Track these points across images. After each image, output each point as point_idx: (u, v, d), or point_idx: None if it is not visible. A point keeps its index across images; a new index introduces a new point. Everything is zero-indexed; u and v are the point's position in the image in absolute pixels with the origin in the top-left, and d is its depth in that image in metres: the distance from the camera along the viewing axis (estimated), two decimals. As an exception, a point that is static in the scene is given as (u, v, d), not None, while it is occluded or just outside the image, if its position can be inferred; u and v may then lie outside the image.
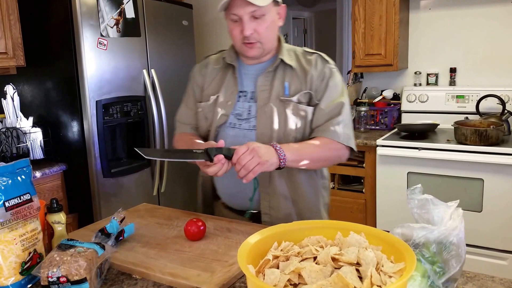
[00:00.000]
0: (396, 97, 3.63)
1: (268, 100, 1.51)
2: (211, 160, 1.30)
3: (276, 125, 1.49)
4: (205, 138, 1.61)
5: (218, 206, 1.68)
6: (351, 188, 3.28)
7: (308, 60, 1.55)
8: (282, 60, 1.52)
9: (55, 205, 1.31)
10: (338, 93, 1.53)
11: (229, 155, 1.31)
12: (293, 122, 1.50)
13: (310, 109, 1.51)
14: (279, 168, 1.37)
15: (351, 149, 1.54)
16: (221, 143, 1.36)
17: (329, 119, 1.50)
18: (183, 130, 1.68)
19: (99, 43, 2.66)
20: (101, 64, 2.68)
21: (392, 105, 3.57)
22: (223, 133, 1.55)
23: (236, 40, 1.48)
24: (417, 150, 2.86)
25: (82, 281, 1.02)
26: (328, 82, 1.52)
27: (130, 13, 2.84)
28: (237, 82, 1.56)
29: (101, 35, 2.66)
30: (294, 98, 1.50)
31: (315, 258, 0.89)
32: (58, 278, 1.01)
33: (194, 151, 1.35)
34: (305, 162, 1.44)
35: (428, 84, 3.53)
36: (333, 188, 3.32)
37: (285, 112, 1.49)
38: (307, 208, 1.58)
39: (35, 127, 2.71)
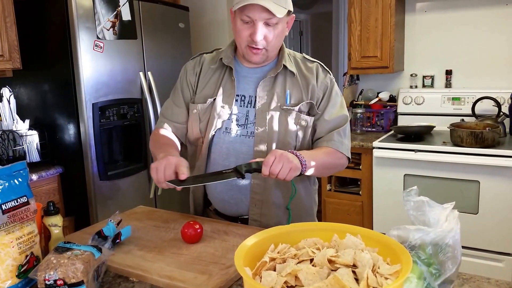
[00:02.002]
0: (392, 99, 3.64)
1: (268, 107, 1.49)
2: (243, 177, 1.33)
3: (276, 133, 1.48)
4: (195, 141, 1.58)
5: (209, 213, 1.66)
6: (348, 190, 3.29)
7: (309, 68, 1.55)
8: (284, 66, 1.50)
9: (52, 208, 1.31)
10: (339, 103, 1.56)
11: (258, 168, 1.32)
12: (294, 131, 1.50)
13: (310, 119, 1.52)
14: (300, 175, 1.35)
15: (347, 159, 1.56)
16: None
17: (332, 130, 1.51)
18: (166, 126, 1.61)
19: (96, 45, 2.65)
20: (97, 66, 2.68)
21: (388, 107, 3.59)
22: (218, 138, 1.53)
23: (242, 41, 1.44)
24: (413, 152, 2.86)
25: (79, 284, 1.01)
26: (330, 93, 1.53)
27: (126, 16, 2.84)
28: (235, 85, 1.52)
29: (98, 37, 2.66)
30: (296, 108, 1.49)
31: (311, 260, 0.90)
32: (55, 281, 1.00)
33: (223, 172, 1.36)
34: (316, 168, 1.42)
35: (424, 86, 3.54)
36: (330, 190, 3.33)
37: (286, 120, 1.49)
38: (298, 215, 1.57)
39: (32, 129, 2.70)
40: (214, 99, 1.53)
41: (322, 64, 1.58)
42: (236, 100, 1.52)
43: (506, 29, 3.20)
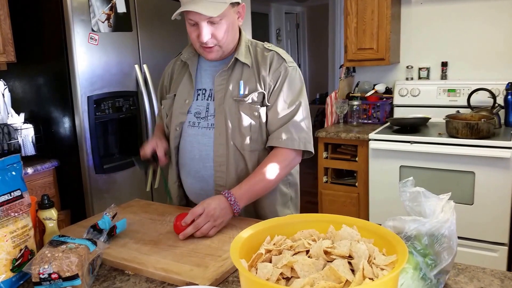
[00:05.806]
0: (388, 91, 3.64)
1: (223, 100, 1.50)
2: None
3: (231, 125, 1.49)
4: (168, 135, 1.65)
5: (191, 205, 1.66)
6: (344, 182, 3.29)
7: (264, 57, 1.52)
8: (237, 59, 1.50)
9: (46, 202, 1.30)
10: (295, 93, 1.51)
11: None
12: (247, 122, 1.49)
13: (263, 110, 1.49)
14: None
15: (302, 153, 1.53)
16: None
17: (283, 124, 1.48)
18: (158, 123, 1.81)
19: (90, 38, 2.63)
20: (92, 59, 2.66)
21: (384, 99, 3.59)
22: (184, 131, 1.57)
23: (195, 42, 1.47)
24: (409, 143, 2.87)
25: (74, 277, 1.01)
26: (283, 83, 1.49)
27: (121, 8, 2.82)
28: (193, 80, 1.56)
29: (92, 30, 2.64)
30: (248, 98, 1.48)
31: (307, 251, 0.90)
32: (49, 274, 1.00)
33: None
34: (259, 195, 1.49)
35: (419, 78, 3.54)
36: (326, 182, 3.34)
37: (239, 112, 1.48)
38: (266, 204, 1.58)
39: (27, 123, 2.69)
40: (175, 95, 1.60)
41: (280, 52, 1.54)
42: (199, 94, 1.56)
43: (502, 21, 3.19)
